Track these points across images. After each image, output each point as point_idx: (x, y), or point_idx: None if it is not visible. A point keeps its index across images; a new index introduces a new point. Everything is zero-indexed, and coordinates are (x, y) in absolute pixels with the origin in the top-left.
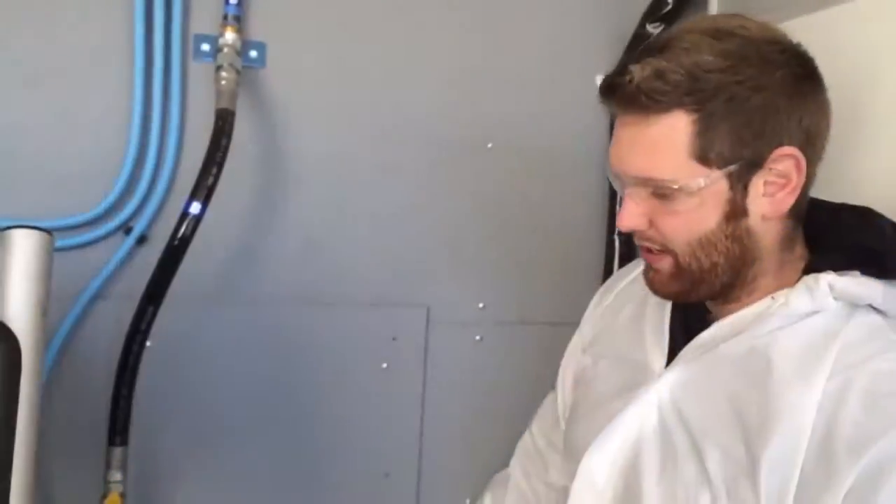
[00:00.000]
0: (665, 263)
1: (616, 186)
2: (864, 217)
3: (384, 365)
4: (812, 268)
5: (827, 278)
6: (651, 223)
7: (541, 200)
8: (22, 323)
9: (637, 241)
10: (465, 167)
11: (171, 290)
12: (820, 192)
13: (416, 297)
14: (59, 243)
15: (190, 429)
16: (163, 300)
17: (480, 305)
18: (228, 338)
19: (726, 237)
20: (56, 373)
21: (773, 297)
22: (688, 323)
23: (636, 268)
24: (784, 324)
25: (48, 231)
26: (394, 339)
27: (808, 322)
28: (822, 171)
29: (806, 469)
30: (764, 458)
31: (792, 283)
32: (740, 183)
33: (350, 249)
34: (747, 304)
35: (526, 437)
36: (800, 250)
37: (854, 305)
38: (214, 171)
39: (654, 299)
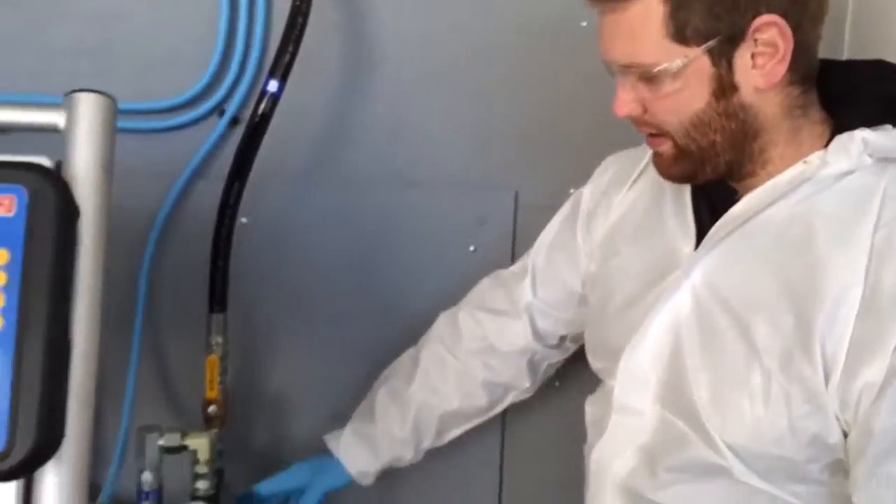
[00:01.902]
0: (666, 146)
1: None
2: (884, 68)
3: (471, 248)
4: (840, 127)
5: (860, 134)
6: (644, 108)
7: None
8: (86, 182)
9: (637, 129)
10: (557, 47)
11: (265, 168)
12: None
13: (504, 180)
14: (157, 125)
15: (284, 298)
16: (248, 177)
17: (571, 191)
18: (319, 215)
19: (719, 115)
20: (162, 246)
21: (805, 162)
22: (713, 203)
23: (641, 159)
24: (820, 188)
25: (111, 96)
26: (481, 222)
27: (843, 183)
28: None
29: (856, 329)
30: (817, 325)
31: (816, 148)
32: (723, 58)
33: (438, 130)
34: (767, 177)
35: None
36: (817, 114)
37: (886, 161)
38: (291, 49)
39: (670, 189)
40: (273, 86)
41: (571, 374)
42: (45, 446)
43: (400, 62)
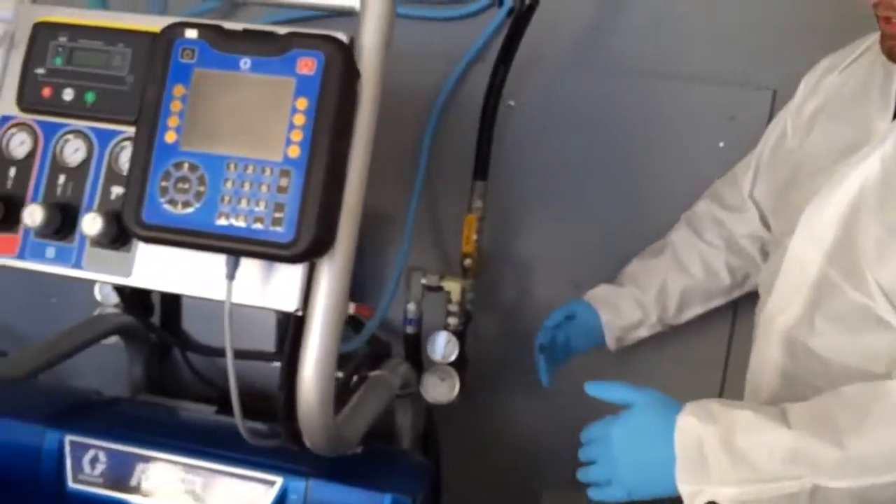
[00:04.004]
0: None
1: None
2: None
3: (721, 144)
4: None
5: None
6: None
7: None
8: (369, 52)
9: (879, 12)
10: None
11: (533, 55)
12: None
13: (761, 79)
14: (445, 14)
15: (540, 174)
16: (512, 61)
17: None
18: (578, 101)
19: None
20: (443, 119)
21: None
22: None
23: (857, 48)
24: None
25: None
26: (732, 118)
27: None
28: None
29: None
30: None
31: None
32: None
33: (698, 23)
34: None
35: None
36: None
37: None
38: None
39: (880, 74)
40: None
41: None
42: (320, 243)
43: None
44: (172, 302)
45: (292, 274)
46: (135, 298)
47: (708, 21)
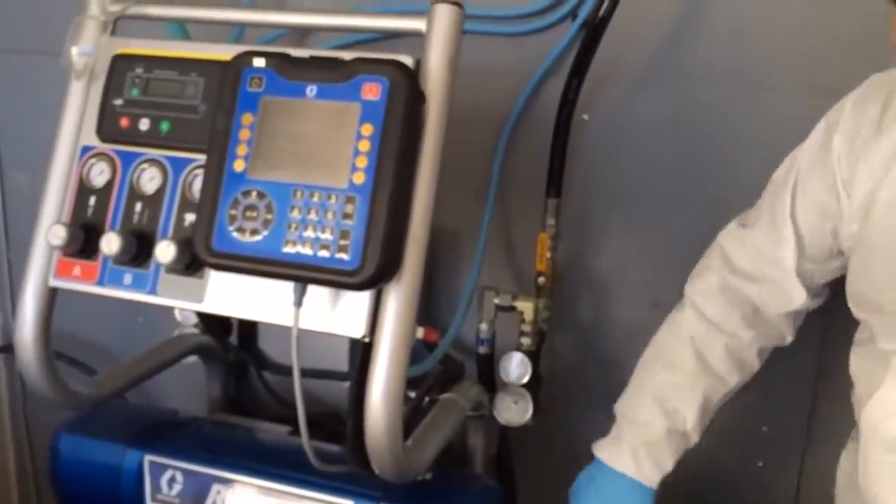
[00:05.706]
0: None
1: None
2: None
3: None
4: None
5: None
6: None
7: None
8: (434, 75)
9: None
10: None
11: (608, 68)
12: None
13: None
14: (519, 29)
15: (617, 191)
16: (586, 74)
17: None
18: (656, 115)
19: None
20: (515, 135)
21: None
22: None
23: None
24: None
25: (460, 5)
26: None
27: None
28: None
29: None
30: None
31: None
32: None
33: (784, 33)
34: None
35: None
36: None
37: None
38: None
39: None
40: None
41: None
42: (385, 270)
43: None
44: (249, 323)
45: (359, 300)
46: (213, 319)
47: (795, 30)
